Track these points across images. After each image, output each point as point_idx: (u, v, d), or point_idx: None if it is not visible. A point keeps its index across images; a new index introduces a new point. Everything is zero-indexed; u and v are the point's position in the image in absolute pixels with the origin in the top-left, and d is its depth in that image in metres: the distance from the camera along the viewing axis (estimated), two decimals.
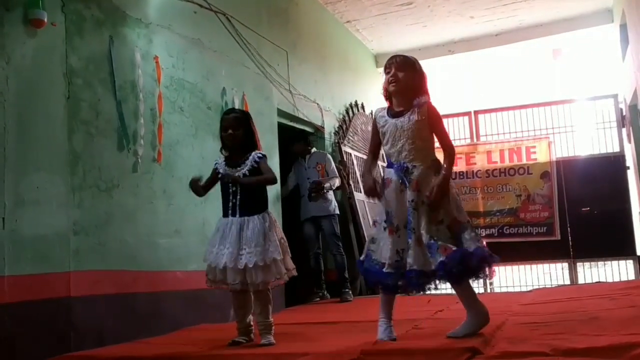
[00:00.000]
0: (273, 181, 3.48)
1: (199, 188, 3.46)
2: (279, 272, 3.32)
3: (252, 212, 3.35)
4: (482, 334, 2.91)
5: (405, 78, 3.02)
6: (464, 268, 2.86)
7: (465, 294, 3.02)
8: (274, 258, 3.28)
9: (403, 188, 2.99)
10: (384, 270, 2.93)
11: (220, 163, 3.51)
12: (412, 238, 2.89)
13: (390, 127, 3.07)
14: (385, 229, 3.00)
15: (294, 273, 3.44)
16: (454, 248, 2.83)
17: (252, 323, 3.48)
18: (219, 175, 3.45)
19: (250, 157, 3.42)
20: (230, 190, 3.40)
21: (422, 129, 3.00)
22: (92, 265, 3.70)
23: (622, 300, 4.20)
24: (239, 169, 3.40)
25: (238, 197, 3.36)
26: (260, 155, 3.45)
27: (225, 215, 3.41)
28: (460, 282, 2.96)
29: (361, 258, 3.16)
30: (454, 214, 2.96)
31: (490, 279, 3.02)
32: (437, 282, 2.92)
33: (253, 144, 3.51)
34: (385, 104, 3.19)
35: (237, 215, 3.34)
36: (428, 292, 3.04)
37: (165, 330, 3.99)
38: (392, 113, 3.10)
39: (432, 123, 3.03)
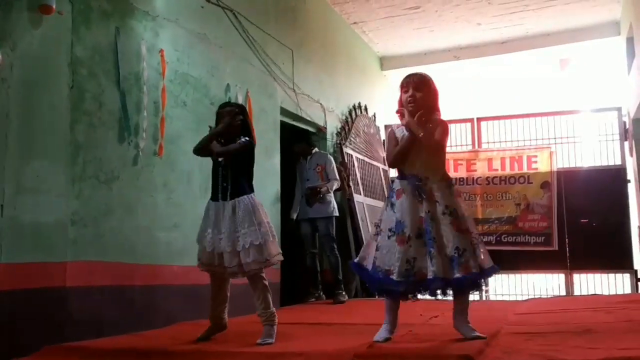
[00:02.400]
0: (235, 149, 3.45)
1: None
2: (269, 253, 3.36)
3: (241, 193, 3.39)
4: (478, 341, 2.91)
5: (422, 98, 3.16)
6: (477, 285, 3.11)
7: (463, 298, 3.16)
8: (265, 239, 3.32)
9: (418, 199, 3.07)
10: (394, 278, 3.00)
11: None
12: (434, 247, 2.99)
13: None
14: (389, 237, 3.07)
15: (281, 258, 3.48)
16: (473, 270, 2.99)
17: (224, 314, 3.54)
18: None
19: (237, 141, 3.48)
20: (221, 174, 3.45)
21: (436, 144, 3.12)
22: (89, 256, 3.70)
23: (618, 314, 4.19)
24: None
25: (229, 180, 3.41)
26: (245, 139, 3.48)
27: (215, 199, 3.44)
28: (464, 293, 3.15)
29: (356, 260, 3.24)
30: (468, 223, 3.12)
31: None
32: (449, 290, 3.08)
33: (247, 136, 3.54)
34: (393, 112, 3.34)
35: (229, 199, 3.38)
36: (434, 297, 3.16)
37: (161, 324, 3.99)
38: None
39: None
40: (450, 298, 3.17)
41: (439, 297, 3.15)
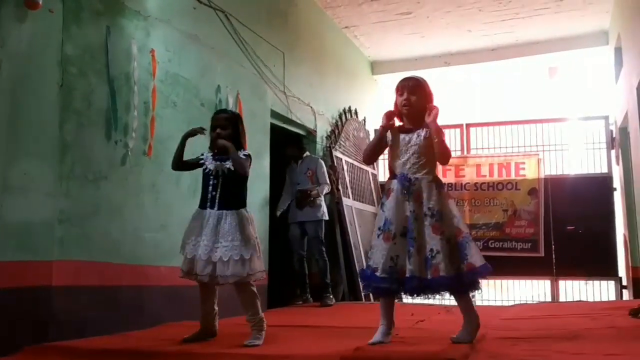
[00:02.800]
0: (243, 169, 3.42)
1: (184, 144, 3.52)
2: (252, 269, 3.32)
3: (230, 206, 3.37)
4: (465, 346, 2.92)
5: (416, 101, 3.21)
6: (453, 288, 3.06)
7: (461, 301, 3.17)
8: (251, 254, 3.30)
9: (404, 198, 3.10)
10: (377, 274, 3.05)
11: (207, 157, 3.53)
12: (413, 246, 3.02)
13: (398, 142, 3.22)
14: (379, 236, 3.11)
15: (264, 275, 3.45)
16: (442, 273, 2.96)
17: (215, 321, 3.50)
18: (206, 167, 3.48)
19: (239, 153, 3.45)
20: (211, 183, 3.43)
21: (429, 146, 3.15)
22: (75, 255, 3.67)
23: (603, 320, 4.22)
24: (224, 163, 3.43)
25: (218, 190, 3.39)
26: (245, 153, 3.49)
27: (202, 207, 3.42)
28: (453, 294, 3.15)
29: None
30: (456, 225, 3.10)
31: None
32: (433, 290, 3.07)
33: (239, 145, 3.53)
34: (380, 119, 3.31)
35: (216, 209, 3.36)
36: (421, 299, 3.19)
37: (147, 325, 3.97)
38: (402, 130, 3.26)
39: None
40: (437, 302, 3.19)
41: (419, 297, 3.15)
